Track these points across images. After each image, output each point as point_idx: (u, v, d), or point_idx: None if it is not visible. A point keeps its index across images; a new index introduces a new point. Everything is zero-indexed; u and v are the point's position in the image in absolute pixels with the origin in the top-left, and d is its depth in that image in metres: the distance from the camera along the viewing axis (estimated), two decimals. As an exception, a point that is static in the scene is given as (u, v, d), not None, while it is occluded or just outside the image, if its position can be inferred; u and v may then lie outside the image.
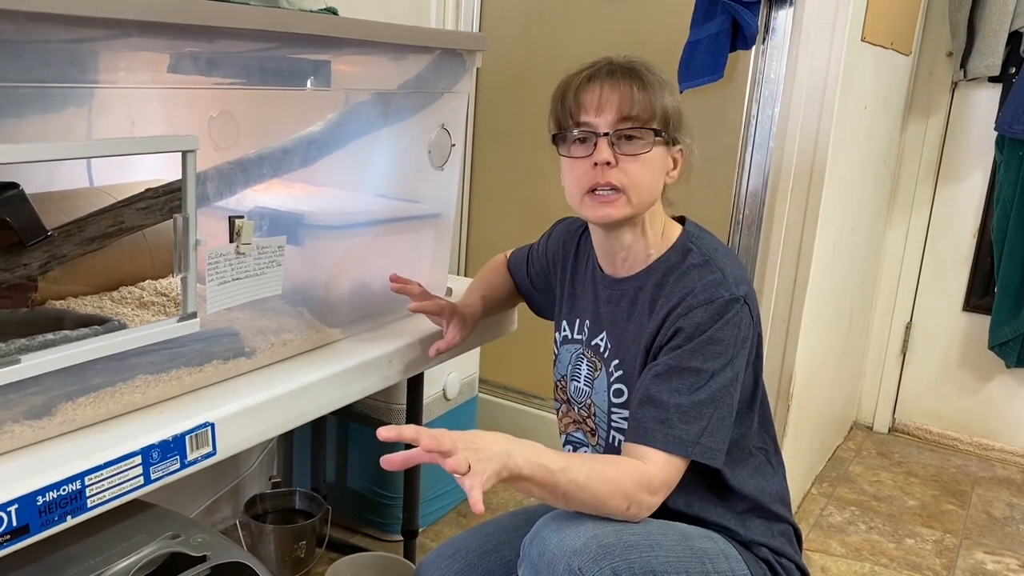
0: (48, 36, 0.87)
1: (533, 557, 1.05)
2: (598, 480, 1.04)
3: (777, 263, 2.03)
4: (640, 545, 1.05)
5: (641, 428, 1.10)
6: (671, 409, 1.08)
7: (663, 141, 1.14)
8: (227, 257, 1.11)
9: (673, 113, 1.14)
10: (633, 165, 1.12)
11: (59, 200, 1.21)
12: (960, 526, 2.34)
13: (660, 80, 1.14)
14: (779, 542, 1.22)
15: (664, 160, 1.15)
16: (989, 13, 2.44)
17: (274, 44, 1.14)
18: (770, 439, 1.27)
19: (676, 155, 1.17)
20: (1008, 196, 2.51)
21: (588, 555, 1.01)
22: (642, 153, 1.12)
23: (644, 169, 1.12)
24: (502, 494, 2.30)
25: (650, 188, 1.14)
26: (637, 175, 1.12)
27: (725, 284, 1.12)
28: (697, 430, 1.08)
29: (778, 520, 1.23)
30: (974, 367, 2.79)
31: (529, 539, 1.07)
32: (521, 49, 2.29)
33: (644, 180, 1.13)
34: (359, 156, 1.36)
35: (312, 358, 1.29)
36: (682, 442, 1.08)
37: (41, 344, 0.94)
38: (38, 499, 0.88)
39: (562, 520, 1.06)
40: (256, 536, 1.77)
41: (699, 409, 1.08)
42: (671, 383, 1.10)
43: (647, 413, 1.10)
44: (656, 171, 1.14)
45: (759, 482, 1.22)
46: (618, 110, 1.11)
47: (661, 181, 1.16)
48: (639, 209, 1.15)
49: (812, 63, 1.91)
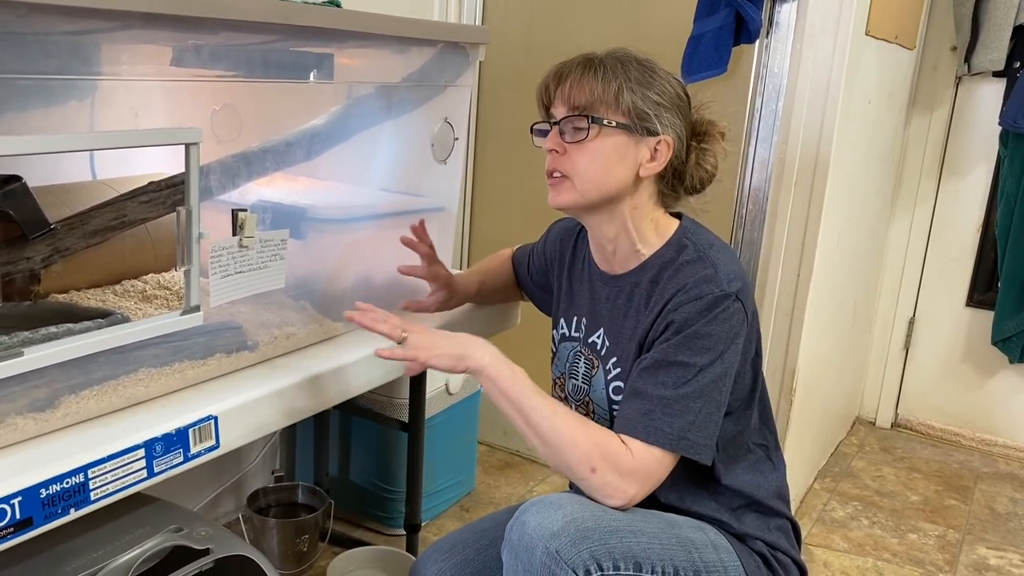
0: (51, 28, 0.87)
1: (513, 541, 1.05)
2: (566, 423, 1.09)
3: (780, 258, 2.03)
4: (621, 531, 1.05)
5: (625, 419, 1.11)
6: (655, 401, 1.09)
7: (614, 128, 1.12)
8: (230, 250, 1.11)
9: (636, 102, 1.12)
10: (575, 152, 1.13)
11: (62, 193, 1.21)
12: (963, 521, 2.34)
13: (625, 70, 1.12)
14: (775, 536, 1.21)
15: (623, 150, 1.13)
16: (994, 7, 2.43)
17: (277, 37, 1.14)
18: (771, 435, 1.26)
19: (656, 147, 1.14)
20: (1012, 191, 2.50)
21: (566, 538, 1.01)
22: (580, 141, 1.12)
23: (587, 157, 1.13)
24: (504, 489, 2.31)
25: (597, 176, 1.13)
26: (578, 162, 1.13)
27: (716, 280, 1.11)
28: (683, 424, 1.08)
29: (775, 515, 1.23)
30: (977, 362, 2.79)
31: (511, 523, 1.07)
32: (524, 42, 2.28)
33: (586, 168, 1.13)
34: (362, 149, 1.36)
35: (315, 352, 1.29)
36: (665, 435, 1.08)
37: (44, 337, 0.94)
38: (41, 492, 0.88)
39: (543, 505, 1.06)
40: (259, 530, 1.77)
41: (685, 403, 1.08)
42: (657, 376, 1.10)
43: (632, 405, 1.11)
44: (605, 158, 1.13)
45: (755, 478, 1.21)
46: (568, 99, 1.13)
47: (621, 171, 1.14)
48: (588, 196, 1.14)
49: (816, 57, 1.90)
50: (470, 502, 2.23)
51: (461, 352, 1.12)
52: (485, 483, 2.33)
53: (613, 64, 1.13)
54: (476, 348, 1.13)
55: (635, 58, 1.15)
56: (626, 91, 1.11)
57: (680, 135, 1.16)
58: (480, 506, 2.22)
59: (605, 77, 1.12)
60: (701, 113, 1.20)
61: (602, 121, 1.12)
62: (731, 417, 1.17)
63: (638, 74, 1.13)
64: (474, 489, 2.28)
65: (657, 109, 1.13)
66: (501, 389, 1.11)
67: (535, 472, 2.41)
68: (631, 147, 1.14)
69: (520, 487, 2.33)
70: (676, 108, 1.15)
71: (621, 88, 1.11)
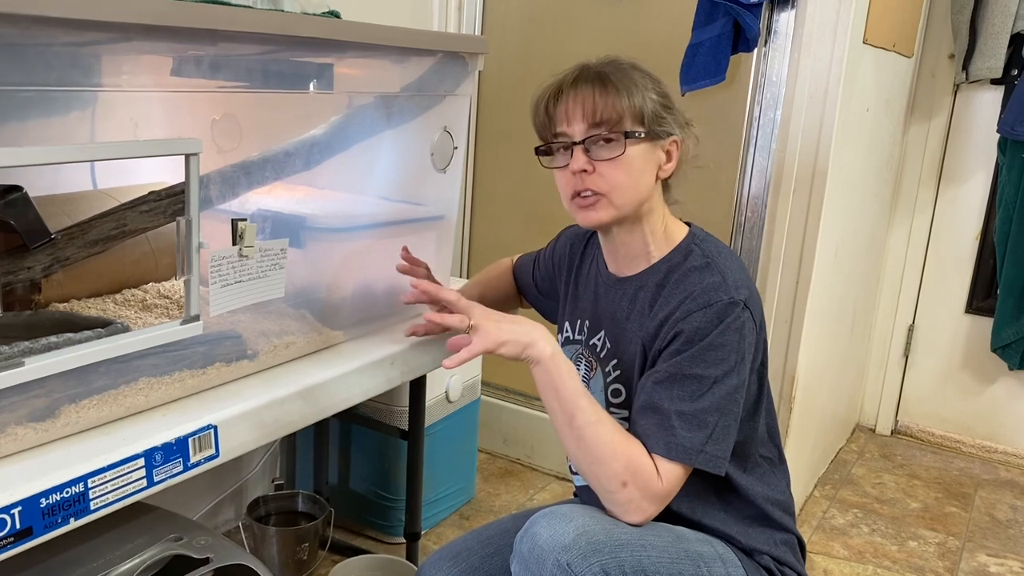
0: (51, 39, 0.88)
1: (523, 552, 1.04)
2: (611, 432, 1.08)
3: (779, 265, 2.03)
4: (631, 544, 1.05)
5: (643, 434, 1.10)
6: (673, 416, 1.08)
7: (641, 139, 1.13)
8: (230, 260, 1.12)
9: (652, 108, 1.13)
10: (609, 169, 1.13)
11: (63, 203, 1.21)
12: (963, 528, 2.34)
13: (632, 79, 1.13)
14: (781, 551, 1.21)
15: (648, 156, 1.15)
16: (991, 15, 2.44)
17: (277, 47, 1.14)
18: (775, 448, 1.26)
19: (668, 148, 1.16)
20: (1010, 198, 2.51)
21: (577, 551, 1.01)
22: (616, 156, 1.12)
23: (622, 171, 1.13)
24: (504, 497, 2.31)
25: (632, 188, 1.14)
26: (614, 178, 1.13)
27: (724, 287, 1.11)
28: (702, 438, 1.08)
29: (782, 529, 1.22)
30: (977, 369, 2.79)
31: (520, 535, 1.06)
32: (523, 52, 2.29)
33: (624, 182, 1.13)
34: (362, 159, 1.36)
35: (315, 360, 1.30)
36: (685, 450, 1.07)
37: (45, 347, 0.95)
38: (41, 501, 0.88)
39: (553, 516, 1.05)
40: (259, 538, 1.77)
41: (702, 417, 1.08)
42: (672, 390, 1.09)
43: (650, 420, 1.10)
44: (637, 170, 1.14)
45: (764, 490, 1.21)
46: (585, 118, 1.13)
47: (648, 177, 1.15)
48: (624, 209, 1.15)
49: (814, 65, 1.91)
50: (470, 510, 2.23)
51: (528, 340, 1.09)
52: (485, 491, 2.33)
53: (618, 75, 1.13)
54: (541, 337, 1.10)
55: (630, 64, 1.16)
56: (645, 100, 1.13)
57: (682, 131, 1.18)
58: (480, 514, 2.22)
59: (622, 89, 1.12)
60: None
61: (634, 134, 1.12)
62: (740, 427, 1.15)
63: (642, 80, 1.14)
64: (474, 497, 2.28)
65: (666, 111, 1.15)
66: (555, 384, 1.09)
67: (535, 480, 2.41)
68: (652, 152, 1.15)
69: (520, 495, 2.33)
70: (673, 106, 1.18)
71: (643, 98, 1.12)
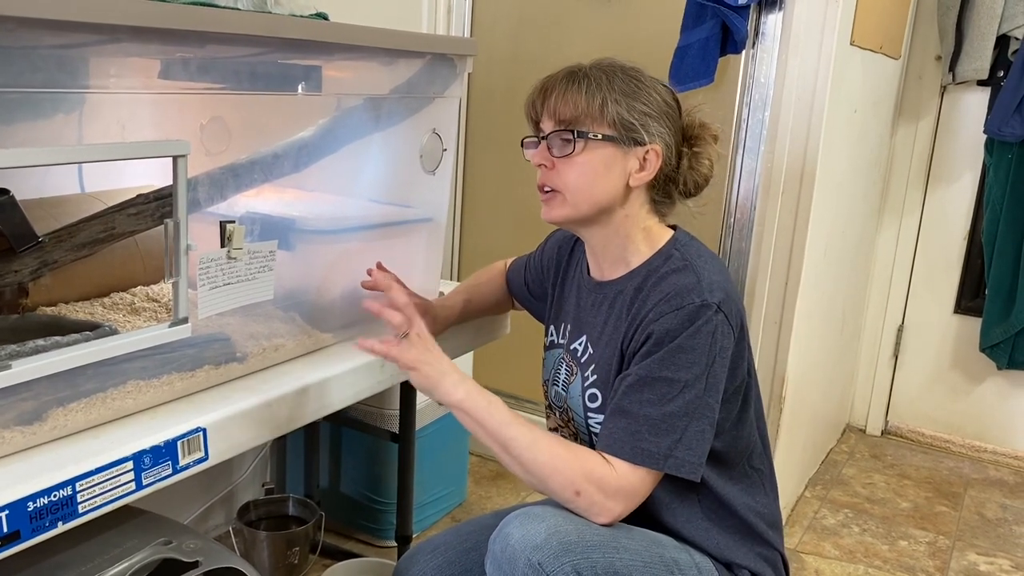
0: (38, 41, 0.87)
1: (496, 552, 1.05)
2: (545, 451, 1.08)
3: (768, 267, 2.04)
4: (604, 545, 1.05)
5: (609, 438, 1.10)
6: (640, 420, 1.08)
7: (600, 140, 1.12)
8: (218, 262, 1.11)
9: (622, 114, 1.11)
10: (564, 166, 1.13)
11: (50, 206, 1.21)
12: (953, 528, 2.35)
13: (611, 83, 1.12)
14: (761, 566, 1.20)
15: (612, 161, 1.13)
16: (977, 17, 2.45)
17: (265, 49, 1.14)
18: (767, 460, 1.25)
19: (644, 156, 1.14)
20: (998, 198, 2.52)
21: (549, 551, 1.01)
22: (567, 155, 1.13)
23: (575, 170, 1.13)
24: (495, 500, 2.30)
25: (586, 189, 1.13)
26: (567, 176, 1.14)
27: (698, 289, 1.10)
28: (669, 443, 1.07)
29: (765, 544, 1.21)
30: (966, 369, 2.80)
31: (494, 535, 1.07)
32: (512, 54, 2.30)
33: (576, 181, 1.13)
34: (351, 161, 1.36)
35: (304, 363, 1.29)
36: (651, 455, 1.07)
37: (32, 350, 0.94)
38: (29, 505, 0.88)
39: (526, 517, 1.05)
40: (249, 542, 1.77)
41: (671, 421, 1.07)
42: (642, 394, 1.09)
43: (617, 424, 1.10)
44: (593, 172, 1.13)
45: (749, 501, 1.20)
46: (554, 114, 1.13)
47: (610, 183, 1.14)
48: (581, 209, 1.15)
49: (802, 67, 1.92)
50: (461, 513, 2.23)
51: (436, 382, 1.11)
52: (476, 494, 2.33)
53: (598, 76, 1.13)
54: (451, 382, 1.11)
55: (621, 67, 1.15)
56: (610, 103, 1.11)
57: (669, 142, 1.15)
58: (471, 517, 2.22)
59: (589, 90, 1.12)
60: (693, 117, 1.20)
61: (588, 135, 1.12)
62: (723, 435, 1.15)
63: (623, 84, 1.13)
64: (465, 500, 2.28)
65: (643, 119, 1.13)
66: (478, 421, 1.11)
67: (526, 482, 2.41)
68: (619, 158, 1.13)
69: (511, 498, 2.33)
70: (664, 116, 1.15)
71: (605, 100, 1.11)
